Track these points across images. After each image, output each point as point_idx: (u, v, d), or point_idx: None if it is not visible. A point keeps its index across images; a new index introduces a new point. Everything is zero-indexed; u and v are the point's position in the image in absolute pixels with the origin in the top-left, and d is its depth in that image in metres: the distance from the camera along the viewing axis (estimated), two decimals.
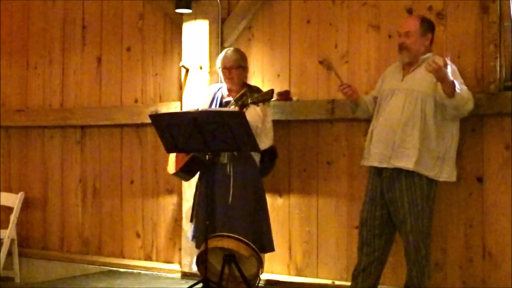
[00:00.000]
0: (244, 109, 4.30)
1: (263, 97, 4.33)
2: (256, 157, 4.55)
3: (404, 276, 4.19)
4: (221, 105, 4.61)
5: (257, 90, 4.61)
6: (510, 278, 4.18)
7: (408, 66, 4.10)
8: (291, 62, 5.01)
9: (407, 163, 3.92)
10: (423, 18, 4.11)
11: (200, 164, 4.49)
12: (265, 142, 4.49)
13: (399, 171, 3.96)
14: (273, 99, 4.53)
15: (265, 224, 4.54)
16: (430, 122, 3.94)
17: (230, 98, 4.60)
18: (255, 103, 4.33)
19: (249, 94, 4.49)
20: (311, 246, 4.90)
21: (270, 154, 4.62)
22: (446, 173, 4.01)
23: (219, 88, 4.76)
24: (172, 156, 4.68)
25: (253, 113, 4.37)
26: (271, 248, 4.56)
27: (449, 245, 4.39)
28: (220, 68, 4.67)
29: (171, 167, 4.70)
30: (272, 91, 4.34)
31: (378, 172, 4.08)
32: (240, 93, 4.57)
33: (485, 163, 4.28)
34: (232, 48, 4.79)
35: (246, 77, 4.75)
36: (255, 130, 4.36)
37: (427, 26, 4.08)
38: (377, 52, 4.66)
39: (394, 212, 4.02)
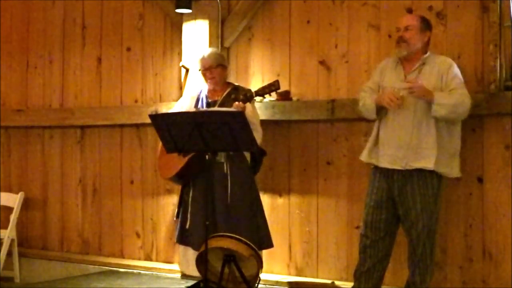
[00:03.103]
0: (248, 103, 4.29)
1: (269, 89, 4.27)
2: (247, 155, 4.56)
3: (404, 276, 4.20)
4: (208, 105, 4.61)
5: (243, 88, 4.62)
6: (510, 278, 4.18)
7: (408, 65, 4.09)
8: (291, 62, 5.01)
9: (427, 163, 3.92)
10: (422, 17, 4.14)
11: (196, 168, 4.46)
12: (256, 139, 4.48)
13: (410, 171, 3.97)
14: (279, 89, 4.44)
15: (262, 221, 4.55)
16: (441, 121, 3.96)
17: (216, 98, 4.60)
18: (261, 95, 4.30)
19: (235, 92, 4.47)
20: (311, 246, 4.90)
21: (258, 151, 4.58)
22: (455, 170, 4.04)
23: (201, 90, 4.76)
24: (162, 161, 4.67)
25: (248, 110, 4.37)
26: (269, 244, 4.56)
27: (449, 245, 4.39)
28: (201, 71, 4.69)
29: (165, 172, 4.67)
30: (277, 81, 4.25)
31: (387, 173, 4.06)
32: (226, 92, 4.58)
33: (485, 163, 4.29)
34: (209, 49, 4.82)
35: (227, 75, 4.77)
36: (251, 126, 4.36)
37: (426, 24, 4.10)
38: (377, 52, 4.66)
39: (405, 213, 4.01)
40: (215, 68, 4.61)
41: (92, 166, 5.97)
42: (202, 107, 4.62)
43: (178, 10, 5.15)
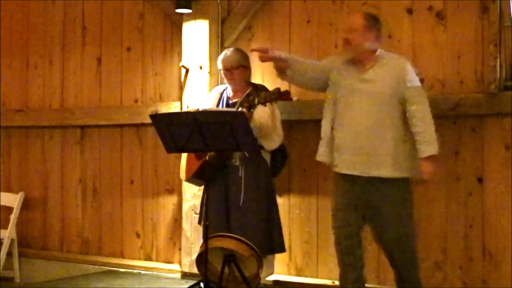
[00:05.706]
0: (252, 110, 4.23)
1: (270, 97, 4.19)
2: (267, 157, 4.53)
3: None
4: (228, 106, 4.57)
5: (262, 88, 4.56)
6: (510, 278, 4.18)
7: (362, 63, 3.92)
8: None
9: (384, 172, 3.75)
10: (368, 14, 4.02)
11: (213, 168, 4.45)
12: (275, 141, 4.46)
13: (373, 177, 3.80)
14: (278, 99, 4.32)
15: (276, 225, 4.53)
16: (399, 124, 3.78)
17: (237, 99, 4.56)
18: (263, 103, 4.21)
19: (255, 94, 4.39)
20: (311, 246, 4.90)
21: (281, 153, 4.59)
22: (420, 168, 3.78)
23: (224, 89, 4.73)
24: (183, 162, 4.66)
25: (261, 113, 4.33)
26: (280, 249, 4.55)
27: (449, 245, 4.39)
28: (221, 70, 4.66)
29: (183, 173, 4.67)
30: (278, 89, 4.19)
31: (349, 177, 3.87)
32: (246, 93, 4.55)
33: (485, 163, 4.29)
34: (232, 48, 4.76)
35: (249, 76, 4.69)
36: (266, 129, 4.36)
37: (373, 21, 3.93)
38: None
39: (372, 218, 3.88)
40: (235, 69, 4.57)
41: (92, 166, 5.96)
42: (223, 107, 4.59)
43: (178, 10, 5.15)
